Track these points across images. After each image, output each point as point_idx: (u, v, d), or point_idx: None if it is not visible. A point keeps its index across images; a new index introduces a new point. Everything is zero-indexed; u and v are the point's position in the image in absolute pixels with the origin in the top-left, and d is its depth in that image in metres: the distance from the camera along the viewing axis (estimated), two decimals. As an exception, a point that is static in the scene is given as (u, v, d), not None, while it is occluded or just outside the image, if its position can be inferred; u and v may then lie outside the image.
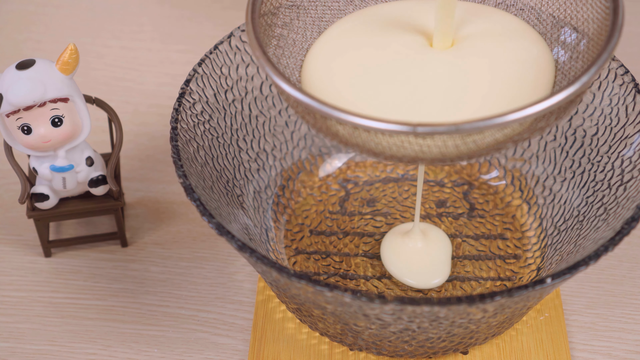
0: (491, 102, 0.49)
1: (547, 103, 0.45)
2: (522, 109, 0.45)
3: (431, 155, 0.47)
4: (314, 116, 0.48)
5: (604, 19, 0.50)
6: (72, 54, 0.59)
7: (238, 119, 0.63)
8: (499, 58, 0.51)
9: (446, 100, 0.49)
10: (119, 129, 0.63)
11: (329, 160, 0.68)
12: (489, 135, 0.47)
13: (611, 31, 0.48)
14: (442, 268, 0.62)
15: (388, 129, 0.45)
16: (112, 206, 0.64)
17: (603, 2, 0.51)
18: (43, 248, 0.66)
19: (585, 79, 0.46)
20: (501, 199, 0.67)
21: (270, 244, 0.63)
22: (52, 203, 0.63)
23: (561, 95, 0.45)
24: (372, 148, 0.48)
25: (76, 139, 0.61)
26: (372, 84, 0.50)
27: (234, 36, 0.61)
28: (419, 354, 0.57)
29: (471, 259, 0.63)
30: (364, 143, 0.48)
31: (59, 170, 0.61)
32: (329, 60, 0.53)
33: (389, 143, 0.47)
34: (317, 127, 0.49)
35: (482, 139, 0.47)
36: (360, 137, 0.47)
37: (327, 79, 0.52)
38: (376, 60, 0.51)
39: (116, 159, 0.63)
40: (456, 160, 0.48)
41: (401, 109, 0.49)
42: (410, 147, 0.47)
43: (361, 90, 0.50)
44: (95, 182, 0.63)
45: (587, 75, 0.46)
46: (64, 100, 0.59)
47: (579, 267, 0.49)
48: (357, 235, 0.65)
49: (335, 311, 0.52)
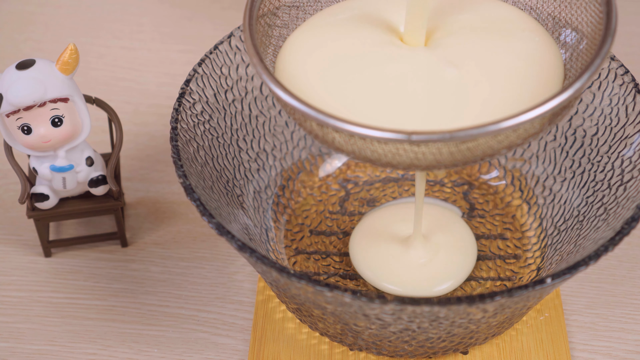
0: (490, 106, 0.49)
1: (540, 110, 0.45)
2: (515, 116, 0.45)
3: (426, 162, 0.48)
4: (311, 123, 0.49)
5: (598, 22, 0.50)
6: (72, 54, 0.59)
7: (238, 119, 0.63)
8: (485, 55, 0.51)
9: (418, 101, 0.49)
10: (119, 129, 0.63)
11: (329, 160, 0.68)
12: (483, 142, 0.47)
13: (604, 36, 0.48)
14: (455, 270, 0.62)
15: (383, 137, 0.45)
16: (112, 206, 0.64)
17: (597, 6, 0.51)
18: (43, 248, 0.66)
19: (578, 85, 0.46)
20: (501, 199, 0.67)
21: (270, 244, 0.63)
22: (52, 203, 0.63)
23: (554, 102, 0.46)
24: (368, 155, 0.48)
25: (76, 139, 0.61)
26: (344, 79, 0.50)
27: (234, 36, 0.61)
28: (419, 354, 0.57)
29: (471, 259, 0.63)
30: (359, 150, 0.48)
31: (59, 170, 0.61)
32: (303, 52, 0.53)
33: (384, 150, 0.47)
34: (314, 134, 0.50)
35: (477, 146, 0.47)
36: (356, 145, 0.47)
37: (301, 71, 0.52)
38: (349, 55, 0.52)
39: (116, 159, 0.63)
40: (450, 167, 0.48)
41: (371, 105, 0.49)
42: (405, 155, 0.47)
43: (332, 84, 0.50)
44: (95, 182, 0.63)
45: (581, 81, 0.46)
46: (64, 100, 0.59)
47: (579, 267, 0.49)
48: (357, 235, 0.65)
49: (335, 311, 0.52)
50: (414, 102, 0.49)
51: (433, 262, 0.61)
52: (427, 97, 0.49)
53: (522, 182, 0.66)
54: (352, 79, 0.50)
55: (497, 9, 0.54)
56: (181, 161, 0.54)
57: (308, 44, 0.53)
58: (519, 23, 0.53)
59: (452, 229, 0.64)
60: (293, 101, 0.47)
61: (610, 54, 0.55)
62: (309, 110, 0.47)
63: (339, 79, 0.51)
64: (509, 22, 0.53)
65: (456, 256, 0.62)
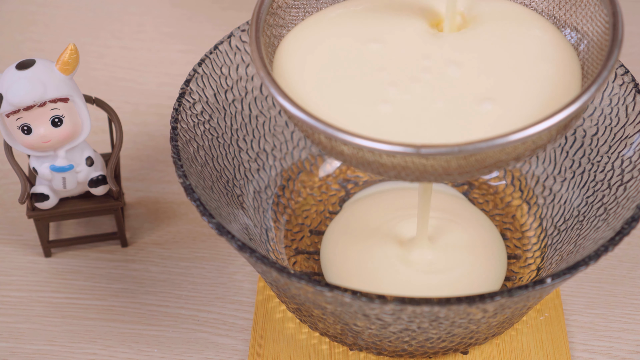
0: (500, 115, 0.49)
1: (548, 123, 0.45)
2: (523, 129, 0.45)
3: (435, 174, 0.48)
4: (319, 137, 0.49)
5: (604, 32, 0.50)
6: (72, 54, 0.59)
7: (238, 119, 0.63)
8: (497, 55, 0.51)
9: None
10: (119, 129, 0.63)
11: (329, 160, 0.68)
12: (492, 154, 0.47)
13: (611, 47, 0.48)
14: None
15: (391, 150, 0.45)
16: (112, 206, 0.64)
17: (603, 17, 0.51)
18: (43, 248, 0.66)
19: (586, 97, 0.46)
20: (501, 199, 0.67)
21: (270, 244, 0.63)
22: (52, 203, 0.63)
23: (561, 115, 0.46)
24: (377, 168, 0.48)
25: (76, 138, 0.61)
26: (343, 89, 0.50)
27: (234, 36, 0.61)
28: (419, 354, 0.57)
29: (471, 259, 0.63)
30: (368, 164, 0.48)
31: (59, 170, 0.61)
32: (300, 55, 0.53)
33: (392, 163, 0.47)
34: (322, 146, 0.50)
35: (485, 158, 0.47)
36: (365, 157, 0.48)
37: (299, 78, 0.52)
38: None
39: (116, 159, 0.63)
40: (459, 178, 0.48)
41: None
42: (414, 166, 0.47)
43: (331, 94, 0.50)
44: (95, 182, 0.63)
45: (589, 93, 0.46)
46: (64, 100, 0.59)
47: (579, 267, 0.49)
48: (357, 235, 0.65)
49: (335, 311, 0.52)
50: (421, 111, 0.49)
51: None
52: (433, 104, 0.49)
53: (522, 182, 0.66)
54: (352, 88, 0.50)
55: (508, 5, 0.54)
56: (181, 161, 0.54)
57: (305, 44, 0.53)
58: (534, 21, 0.53)
59: (472, 227, 0.63)
60: (301, 114, 0.47)
61: (618, 63, 0.55)
62: (317, 124, 0.47)
63: (338, 88, 0.50)
64: (523, 20, 0.54)
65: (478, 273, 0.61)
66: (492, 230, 0.63)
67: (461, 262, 0.60)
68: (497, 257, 0.61)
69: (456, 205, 0.64)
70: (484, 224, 0.63)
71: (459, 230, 0.62)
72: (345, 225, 0.63)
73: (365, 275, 0.60)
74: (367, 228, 0.62)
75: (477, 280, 0.59)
